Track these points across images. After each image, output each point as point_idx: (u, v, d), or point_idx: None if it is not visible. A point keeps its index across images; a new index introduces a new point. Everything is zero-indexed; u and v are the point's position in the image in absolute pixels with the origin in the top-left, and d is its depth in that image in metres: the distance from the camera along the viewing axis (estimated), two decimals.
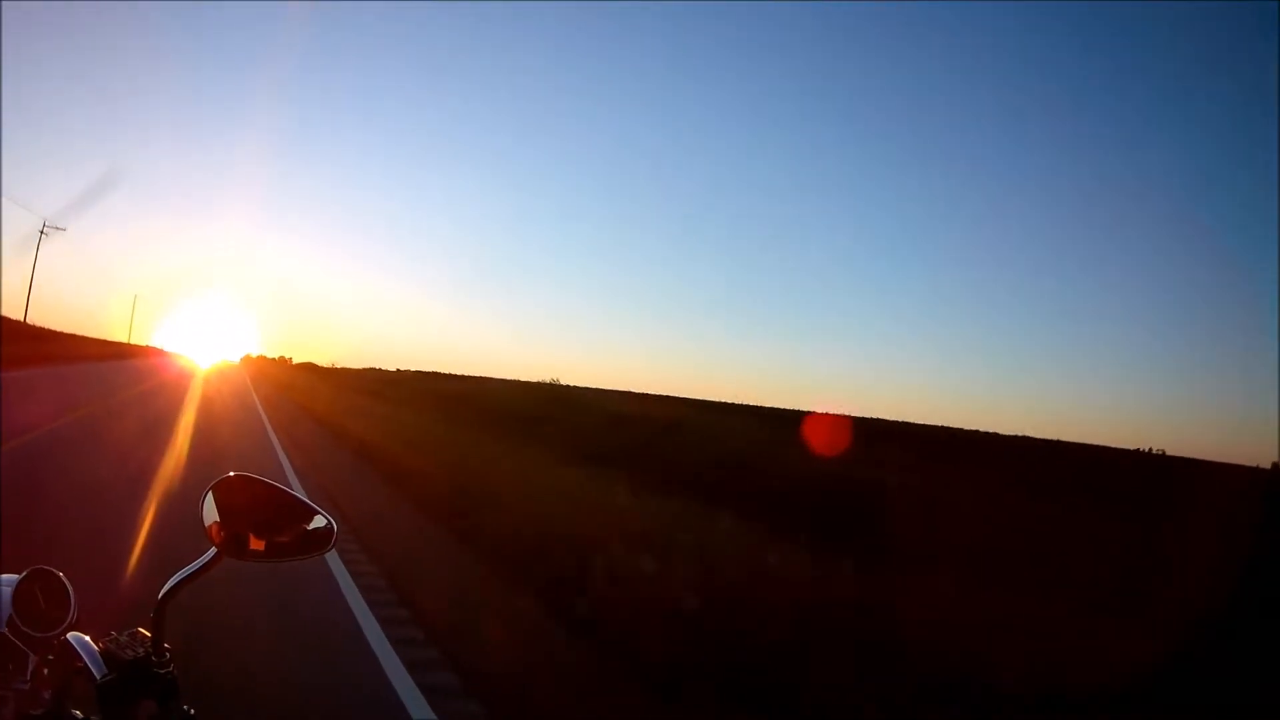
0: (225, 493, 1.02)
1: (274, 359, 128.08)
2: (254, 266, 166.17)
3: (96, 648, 0.95)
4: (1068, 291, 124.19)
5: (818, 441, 19.27)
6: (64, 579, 1.02)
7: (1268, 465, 25.63)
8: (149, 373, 35.66)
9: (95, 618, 1.03)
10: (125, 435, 11.48)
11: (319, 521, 1.04)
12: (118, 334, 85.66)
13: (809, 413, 28.42)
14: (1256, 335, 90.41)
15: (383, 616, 4.66)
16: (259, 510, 1.03)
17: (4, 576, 1.04)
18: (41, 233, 43.58)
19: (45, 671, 0.95)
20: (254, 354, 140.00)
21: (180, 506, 6.31)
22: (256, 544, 1.01)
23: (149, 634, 0.97)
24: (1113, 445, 30.77)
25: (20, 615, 0.96)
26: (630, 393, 41.05)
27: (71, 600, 1.01)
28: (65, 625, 0.98)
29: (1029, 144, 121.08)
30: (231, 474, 1.03)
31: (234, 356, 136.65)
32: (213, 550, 0.99)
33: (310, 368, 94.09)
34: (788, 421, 24.13)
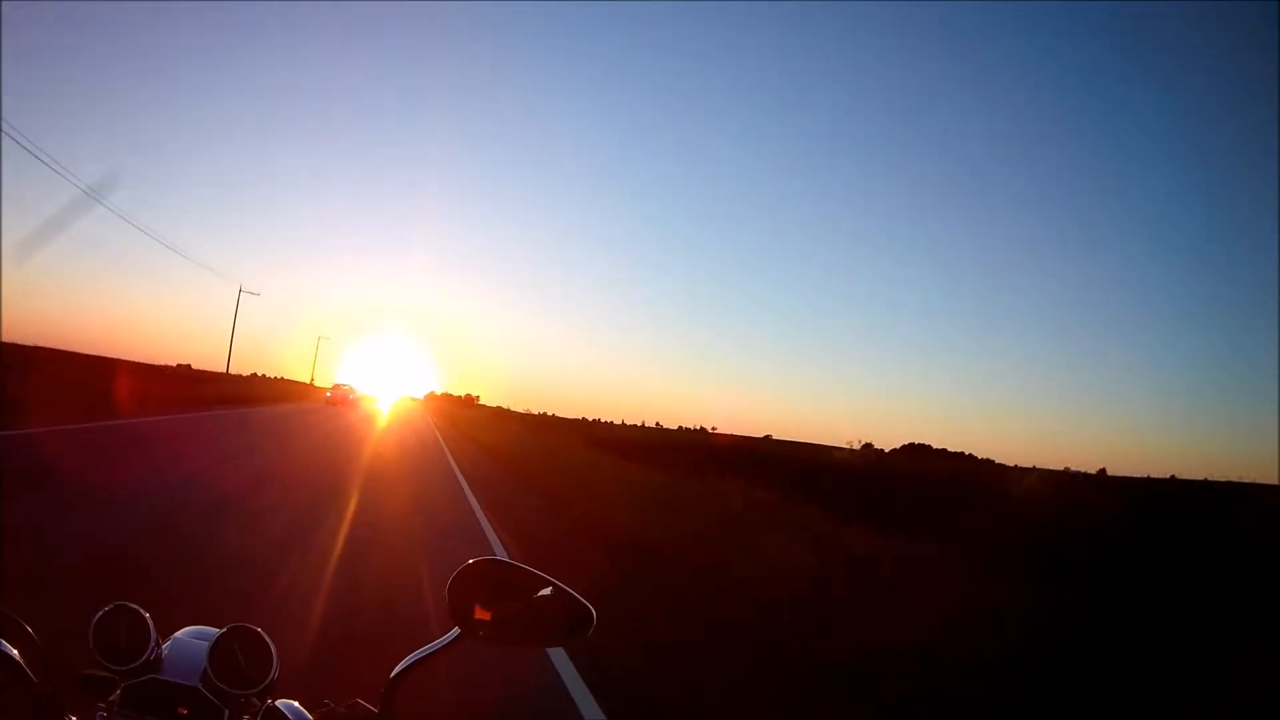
0: (475, 575, 1.00)
1: (459, 397, 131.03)
2: (434, 307, 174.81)
3: (310, 716, 0.98)
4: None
5: None
6: (266, 637, 0.98)
7: None
8: (332, 413, 33.64)
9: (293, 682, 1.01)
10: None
11: (577, 607, 0.99)
12: (300, 374, 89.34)
13: None
14: None
15: None
16: (508, 594, 0.99)
17: (204, 629, 1.03)
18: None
19: None
20: (437, 391, 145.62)
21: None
22: (505, 626, 0.98)
23: (373, 709, 1.01)
24: None
25: (216, 670, 0.94)
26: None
27: (274, 660, 0.97)
28: (264, 685, 0.96)
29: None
30: (483, 558, 1.00)
31: (417, 394, 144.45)
32: (455, 631, 0.99)
33: (504, 412, 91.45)
34: None
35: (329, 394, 46.95)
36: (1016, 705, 4.07)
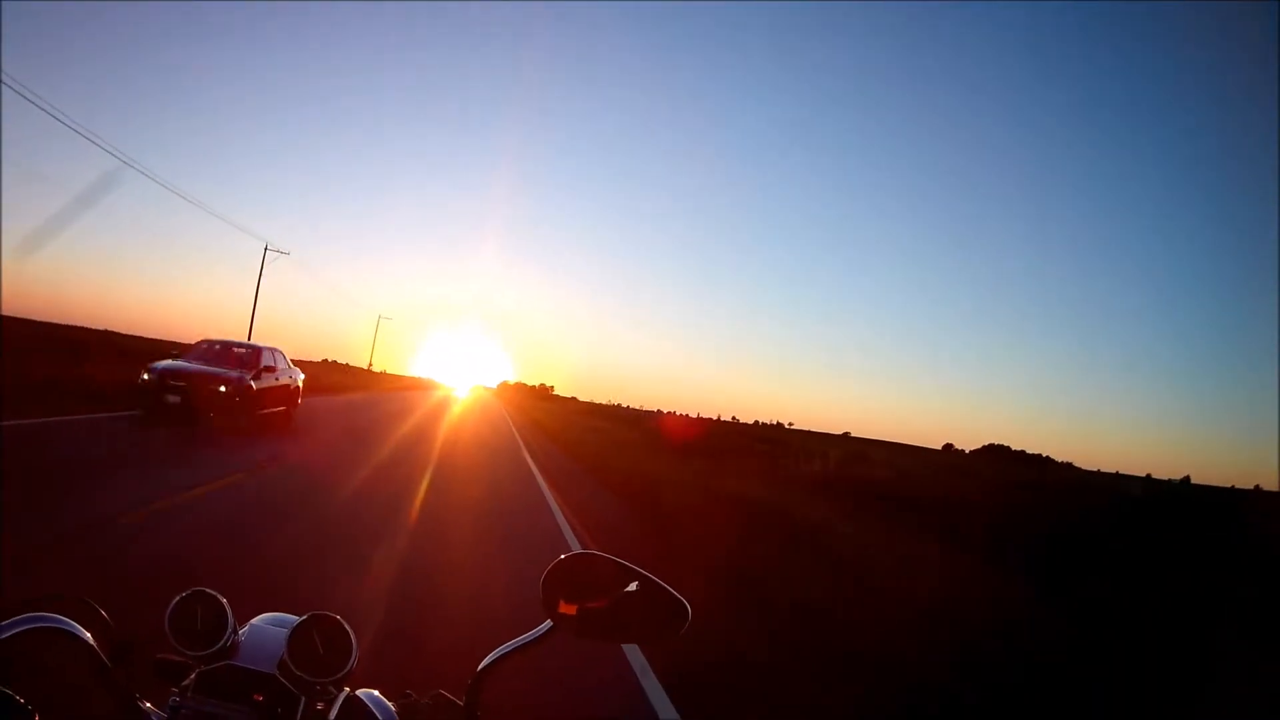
0: (568, 569, 0.98)
1: (532, 387, 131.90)
2: (509, 298, 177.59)
3: (392, 706, 0.98)
4: None
5: None
6: (345, 625, 0.96)
7: None
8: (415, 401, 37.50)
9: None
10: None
11: (672, 601, 0.97)
12: (361, 360, 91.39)
13: None
14: None
15: None
16: (601, 587, 0.98)
17: (282, 616, 1.03)
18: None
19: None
20: (511, 381, 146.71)
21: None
22: (598, 620, 0.97)
23: (458, 701, 0.99)
24: None
25: (294, 658, 0.93)
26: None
27: (353, 648, 0.95)
28: (344, 673, 0.94)
29: None
30: (577, 552, 1.00)
31: (491, 383, 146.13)
32: (548, 624, 0.97)
33: (578, 404, 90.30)
34: None
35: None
36: None
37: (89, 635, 0.90)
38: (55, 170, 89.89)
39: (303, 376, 16.11)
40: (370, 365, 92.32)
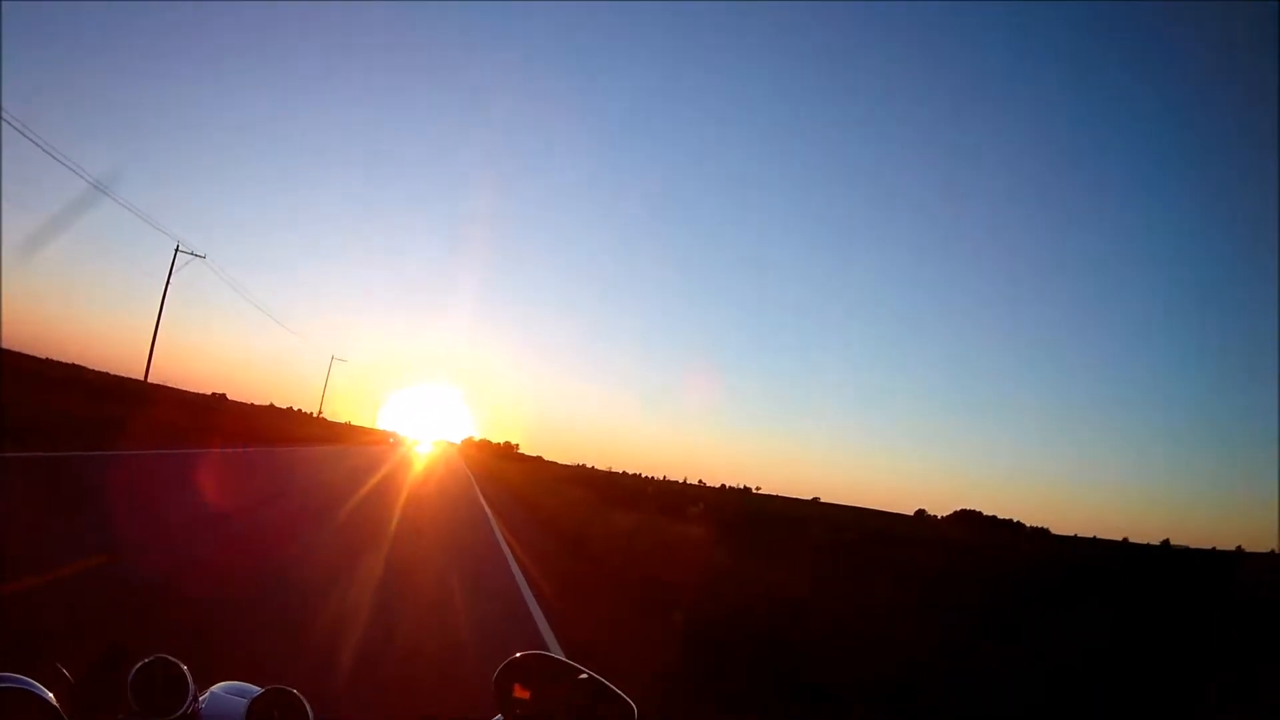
0: (521, 665, 1.03)
1: (497, 445, 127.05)
2: (476, 356, 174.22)
3: None
4: None
5: None
6: (305, 701, 0.97)
7: None
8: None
9: None
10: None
11: (619, 701, 1.00)
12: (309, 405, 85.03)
13: None
14: None
15: None
16: (551, 685, 1.02)
17: (243, 685, 1.05)
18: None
19: None
20: (475, 438, 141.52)
21: None
22: (547, 717, 1.00)
23: None
24: None
25: None
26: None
27: None
28: None
29: None
30: (527, 652, 1.04)
31: (455, 438, 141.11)
32: (499, 718, 1.02)
33: (543, 463, 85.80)
34: None
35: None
36: None
37: (52, 697, 0.89)
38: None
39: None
40: (320, 412, 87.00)
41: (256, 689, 0.99)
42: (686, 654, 6.37)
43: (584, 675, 1.00)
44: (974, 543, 40.49)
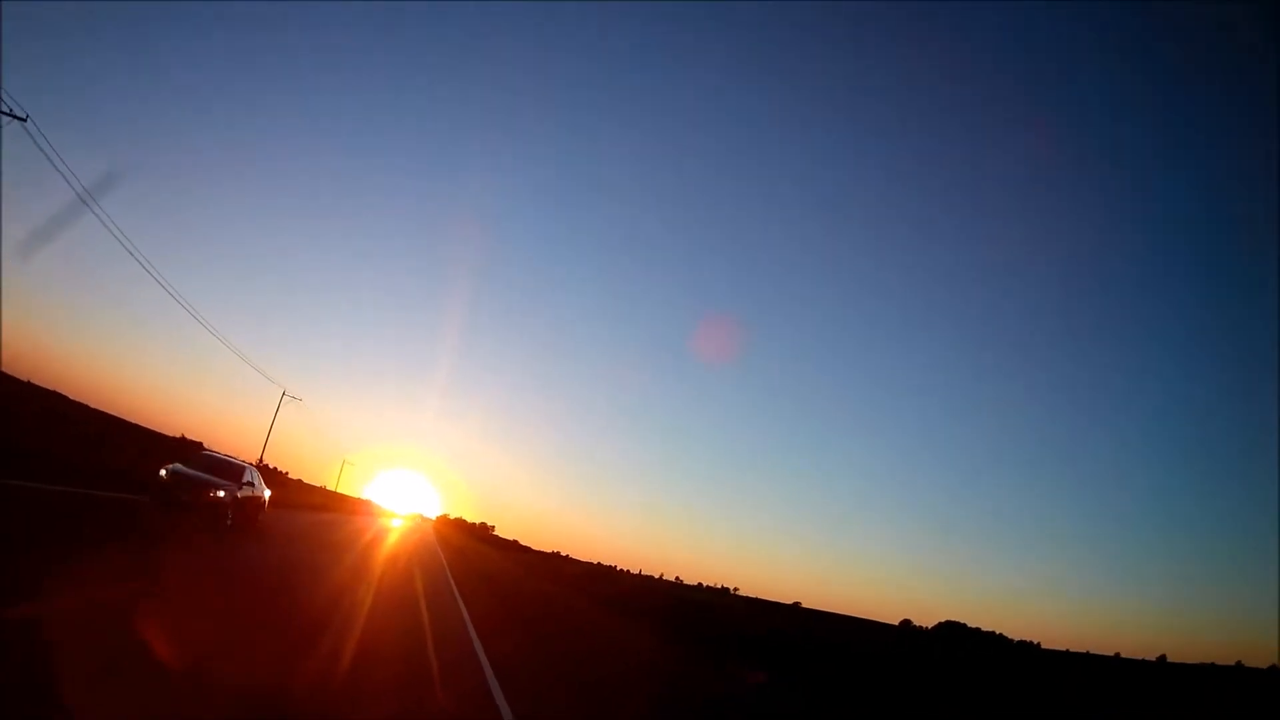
0: None
1: (472, 524, 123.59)
2: (456, 434, 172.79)
3: None
4: None
5: None
6: None
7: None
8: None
9: None
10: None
11: None
12: (328, 483, 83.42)
13: None
14: None
15: None
16: None
17: None
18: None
19: None
20: (451, 515, 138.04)
21: None
22: None
23: None
24: None
25: None
26: None
27: None
28: None
29: None
30: None
31: (430, 513, 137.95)
32: None
33: (521, 548, 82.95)
34: None
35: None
36: None
37: None
38: None
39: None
40: (336, 487, 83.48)
41: None
42: None
43: None
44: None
